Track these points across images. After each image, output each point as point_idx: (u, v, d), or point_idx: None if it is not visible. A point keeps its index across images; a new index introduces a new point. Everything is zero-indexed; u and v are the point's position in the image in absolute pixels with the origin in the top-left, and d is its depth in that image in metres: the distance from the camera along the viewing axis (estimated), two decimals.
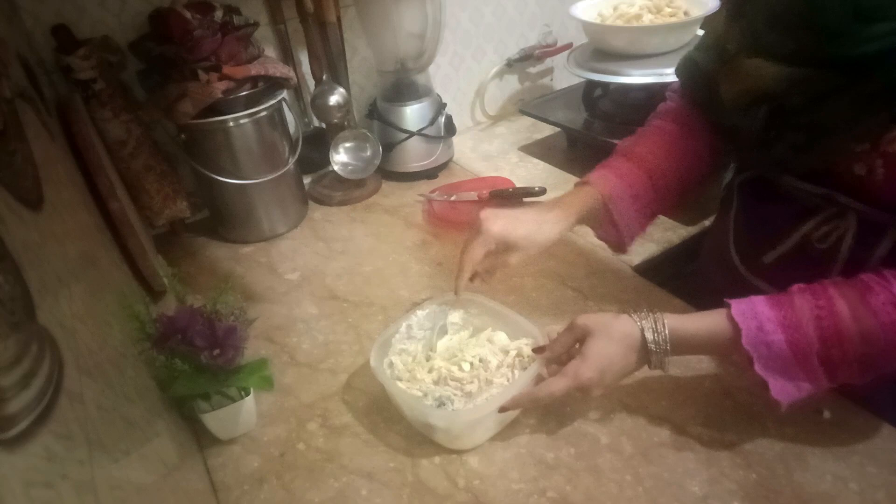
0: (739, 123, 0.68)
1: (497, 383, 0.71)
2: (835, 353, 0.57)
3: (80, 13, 0.96)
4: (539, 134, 1.42)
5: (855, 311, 0.56)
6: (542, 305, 0.89)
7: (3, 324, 0.32)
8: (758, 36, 0.63)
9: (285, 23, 1.13)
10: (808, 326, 0.57)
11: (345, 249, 1.07)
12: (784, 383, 0.59)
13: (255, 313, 0.81)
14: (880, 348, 0.56)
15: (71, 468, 0.33)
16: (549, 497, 0.63)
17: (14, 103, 0.56)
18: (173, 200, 1.04)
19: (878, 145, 0.57)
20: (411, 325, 0.78)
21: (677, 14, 1.21)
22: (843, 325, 0.56)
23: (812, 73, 0.58)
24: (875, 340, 0.55)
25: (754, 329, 0.59)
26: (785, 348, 0.58)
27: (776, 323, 0.58)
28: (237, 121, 0.99)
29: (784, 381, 0.59)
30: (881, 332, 0.55)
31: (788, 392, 0.59)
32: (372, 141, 1.21)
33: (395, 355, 0.75)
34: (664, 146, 0.79)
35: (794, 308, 0.58)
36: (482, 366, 0.72)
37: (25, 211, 0.46)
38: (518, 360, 0.73)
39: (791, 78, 0.60)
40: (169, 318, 0.66)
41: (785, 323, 0.58)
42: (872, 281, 0.57)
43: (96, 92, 0.92)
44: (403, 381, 0.72)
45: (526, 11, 1.44)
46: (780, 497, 0.61)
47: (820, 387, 0.59)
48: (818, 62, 0.58)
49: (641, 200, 0.78)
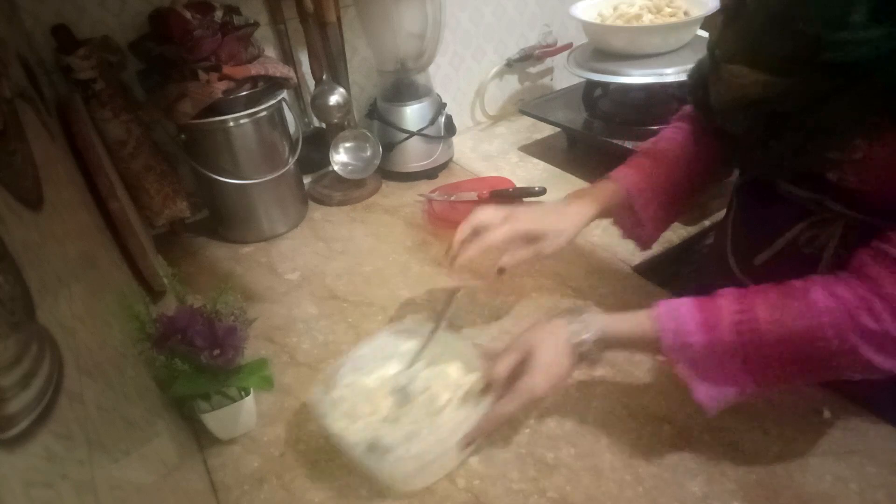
0: (725, 127, 0.69)
1: (443, 423, 0.65)
2: (755, 357, 0.57)
3: (80, 13, 0.96)
4: (539, 134, 1.42)
5: (774, 317, 0.56)
6: (542, 305, 0.89)
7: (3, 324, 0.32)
8: (754, 37, 0.62)
9: (285, 23, 1.13)
10: (726, 330, 0.57)
11: (345, 249, 1.07)
12: (707, 387, 0.59)
13: (255, 313, 0.81)
14: (800, 354, 0.56)
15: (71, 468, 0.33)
16: (549, 497, 0.63)
17: (14, 103, 0.56)
18: (173, 200, 1.04)
19: (848, 152, 0.57)
20: (362, 356, 0.73)
21: (677, 14, 1.21)
22: (762, 330, 0.56)
23: (797, 78, 0.58)
24: (793, 346, 0.55)
25: (673, 330, 0.59)
26: (704, 350, 0.58)
27: (698, 324, 0.58)
28: (237, 121, 0.99)
29: (707, 385, 0.59)
30: (798, 337, 0.55)
31: (711, 395, 0.59)
32: (372, 141, 1.21)
33: (345, 388, 0.70)
34: (680, 145, 0.79)
35: (716, 311, 0.58)
36: (430, 402, 0.67)
37: (25, 211, 0.46)
38: (468, 395, 0.67)
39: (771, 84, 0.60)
40: (169, 318, 0.66)
41: (705, 325, 0.58)
42: (797, 286, 0.57)
43: (96, 92, 0.92)
44: (343, 420, 0.66)
45: (526, 11, 1.44)
46: (780, 497, 0.61)
47: (746, 391, 0.59)
48: (810, 65, 0.57)
49: (663, 196, 0.78)
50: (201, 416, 0.70)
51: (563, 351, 0.63)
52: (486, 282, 0.79)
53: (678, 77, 1.13)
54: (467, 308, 0.89)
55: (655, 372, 0.76)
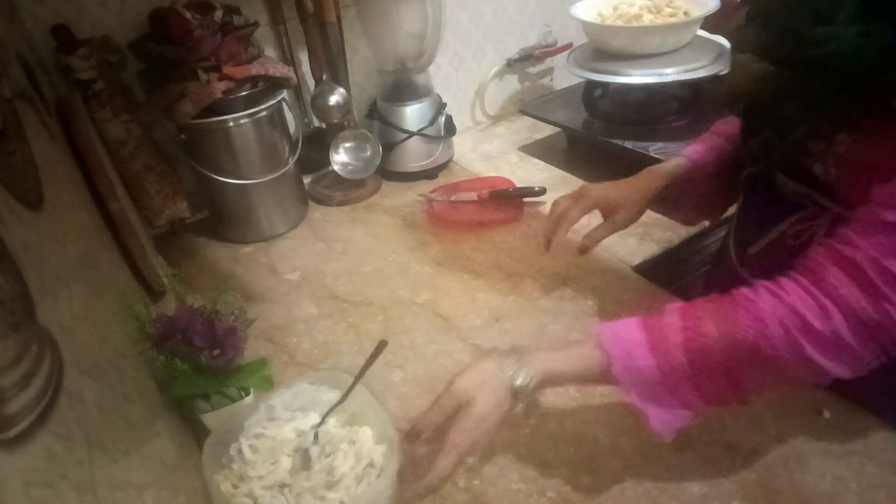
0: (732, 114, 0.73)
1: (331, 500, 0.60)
2: (706, 373, 0.55)
3: (80, 13, 0.96)
4: (539, 134, 1.42)
5: (721, 329, 0.54)
6: (542, 305, 0.89)
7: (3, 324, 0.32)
8: (754, 30, 0.65)
9: (285, 23, 1.13)
10: (674, 349, 0.55)
11: (345, 249, 1.07)
12: (661, 412, 0.56)
13: (255, 313, 0.81)
14: (749, 364, 0.54)
15: (71, 468, 0.33)
16: (549, 497, 0.63)
17: (14, 103, 0.56)
18: (173, 200, 1.04)
19: (831, 146, 0.59)
20: (273, 406, 0.68)
21: (677, 14, 1.21)
22: (709, 345, 0.54)
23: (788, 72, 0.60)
24: (741, 356, 0.53)
25: (622, 355, 0.56)
26: (655, 373, 0.55)
27: (645, 347, 0.56)
28: (237, 121, 0.99)
29: (660, 410, 0.56)
30: (746, 347, 0.53)
31: (666, 421, 0.56)
32: (372, 141, 1.21)
33: (253, 439, 0.65)
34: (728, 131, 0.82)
35: (663, 330, 0.56)
36: (328, 471, 0.62)
37: (25, 211, 0.46)
38: (368, 470, 0.63)
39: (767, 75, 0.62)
40: (169, 318, 0.66)
41: (653, 347, 0.56)
42: (745, 294, 0.55)
43: (96, 92, 0.92)
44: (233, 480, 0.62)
45: (526, 11, 1.44)
46: (780, 497, 0.61)
47: (696, 410, 0.56)
48: (800, 61, 0.59)
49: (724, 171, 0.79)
50: (201, 416, 0.70)
51: (503, 398, 0.59)
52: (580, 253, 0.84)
53: (678, 77, 1.13)
54: (467, 308, 0.90)
55: None
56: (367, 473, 0.62)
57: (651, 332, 0.57)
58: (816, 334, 0.51)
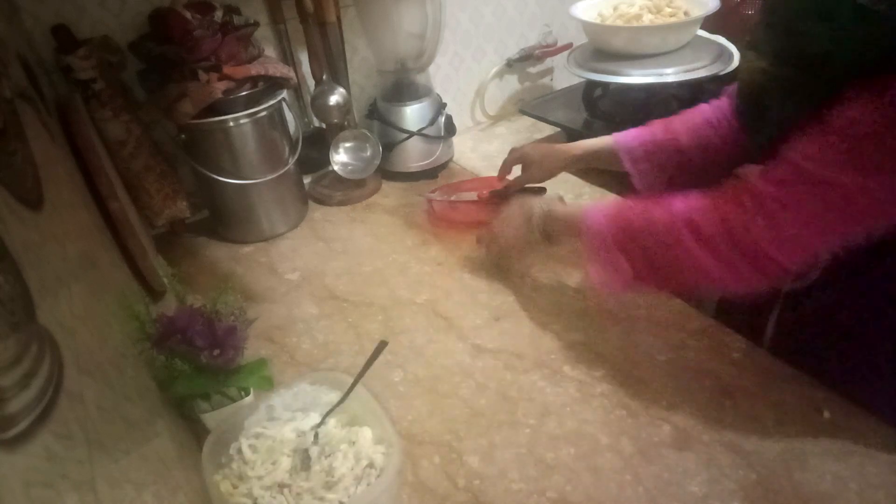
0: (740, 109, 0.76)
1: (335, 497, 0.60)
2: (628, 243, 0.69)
3: (80, 13, 0.96)
4: (539, 134, 1.42)
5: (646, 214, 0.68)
6: (542, 306, 0.89)
7: (3, 324, 0.32)
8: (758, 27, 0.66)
9: (285, 23, 1.13)
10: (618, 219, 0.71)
11: (345, 249, 1.07)
12: (601, 270, 0.72)
13: (255, 313, 0.81)
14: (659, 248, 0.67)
15: (71, 468, 0.33)
16: (549, 497, 0.63)
17: (14, 103, 0.56)
18: (173, 200, 1.04)
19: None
20: (273, 406, 0.68)
21: (677, 14, 1.21)
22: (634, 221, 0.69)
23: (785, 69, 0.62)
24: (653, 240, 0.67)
25: (590, 214, 0.74)
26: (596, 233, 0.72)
27: (604, 214, 0.73)
28: (237, 121, 0.99)
29: (601, 269, 0.72)
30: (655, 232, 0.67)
31: (601, 277, 0.72)
32: (372, 141, 1.21)
33: (253, 439, 0.65)
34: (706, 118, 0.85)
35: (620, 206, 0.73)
36: (327, 472, 0.62)
37: (25, 211, 0.46)
38: (367, 470, 0.63)
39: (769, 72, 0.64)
40: (169, 318, 0.66)
41: (607, 215, 0.73)
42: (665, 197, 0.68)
43: (96, 92, 0.91)
44: (233, 480, 0.62)
45: (526, 11, 1.44)
46: (780, 497, 0.61)
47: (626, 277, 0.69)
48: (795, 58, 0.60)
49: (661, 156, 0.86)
50: (201, 416, 0.70)
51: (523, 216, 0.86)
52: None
53: (678, 77, 1.13)
54: (467, 308, 0.90)
55: (656, 372, 0.76)
56: (366, 474, 0.63)
57: (615, 207, 0.73)
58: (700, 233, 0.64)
